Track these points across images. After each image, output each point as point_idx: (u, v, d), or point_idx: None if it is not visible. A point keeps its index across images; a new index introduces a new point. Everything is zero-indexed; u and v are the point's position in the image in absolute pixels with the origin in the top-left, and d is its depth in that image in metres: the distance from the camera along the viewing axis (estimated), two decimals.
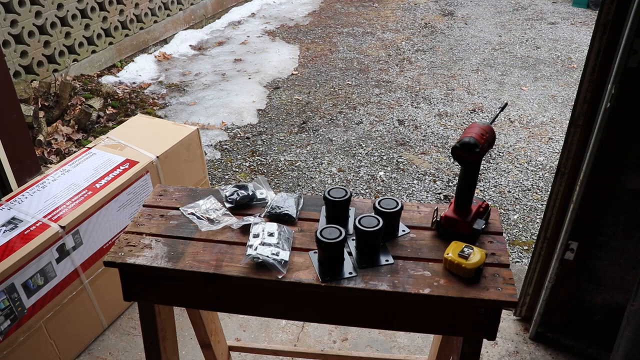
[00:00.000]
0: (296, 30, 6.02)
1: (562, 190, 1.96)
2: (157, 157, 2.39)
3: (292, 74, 4.92)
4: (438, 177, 3.41)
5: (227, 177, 3.46)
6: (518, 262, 2.74)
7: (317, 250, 1.27)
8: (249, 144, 3.82)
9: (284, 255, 1.25)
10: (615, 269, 2.04)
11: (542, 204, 3.15)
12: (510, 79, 4.73)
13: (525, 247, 2.84)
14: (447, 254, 1.22)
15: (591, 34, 1.71)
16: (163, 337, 1.48)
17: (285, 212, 1.39)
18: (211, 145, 3.80)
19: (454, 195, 1.37)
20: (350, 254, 1.28)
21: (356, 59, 5.19)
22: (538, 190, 3.28)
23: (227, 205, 1.45)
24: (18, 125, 2.88)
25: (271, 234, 1.29)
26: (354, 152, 3.69)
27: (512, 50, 5.32)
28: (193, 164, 2.66)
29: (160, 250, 1.31)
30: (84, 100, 4.10)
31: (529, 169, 3.49)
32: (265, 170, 3.51)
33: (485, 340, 1.72)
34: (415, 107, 4.26)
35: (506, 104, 1.45)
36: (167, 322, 1.49)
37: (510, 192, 3.27)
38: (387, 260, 1.25)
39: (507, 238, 2.91)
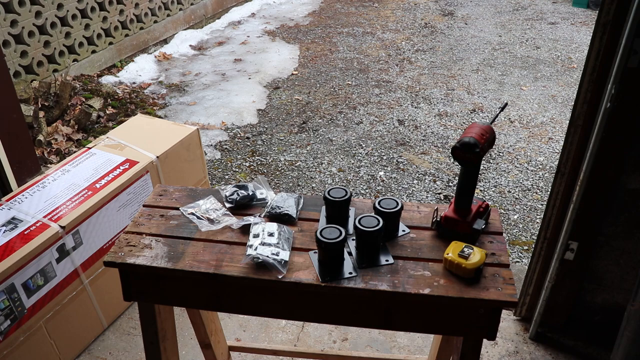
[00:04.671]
0: (296, 30, 6.02)
1: (562, 190, 1.96)
2: (157, 157, 2.39)
3: (292, 74, 4.92)
4: (438, 177, 3.41)
5: (227, 177, 3.46)
6: (518, 262, 2.74)
7: (317, 250, 1.27)
8: (249, 144, 3.82)
9: (284, 255, 1.25)
10: (615, 269, 2.04)
11: (542, 204, 3.15)
12: (510, 79, 4.73)
13: (525, 247, 2.84)
14: (447, 254, 1.22)
15: (591, 34, 1.71)
16: (163, 337, 1.48)
17: (285, 212, 1.39)
18: (211, 145, 3.80)
19: (454, 195, 1.37)
20: (350, 254, 1.28)
21: (356, 59, 5.19)
22: (538, 190, 3.28)
23: (227, 205, 1.45)
24: (18, 125, 2.88)
25: (271, 234, 1.29)
26: (354, 152, 3.69)
27: (512, 50, 5.32)
28: (193, 164, 2.66)
29: (160, 250, 1.31)
30: (84, 100, 4.10)
31: (529, 169, 3.49)
32: (265, 170, 3.51)
33: (485, 340, 1.72)
34: (415, 107, 4.26)
35: (506, 104, 1.45)
36: (167, 322, 1.49)
37: (510, 192, 3.27)
38: (387, 260, 1.25)
39: (507, 238, 2.91)
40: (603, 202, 1.89)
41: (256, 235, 1.29)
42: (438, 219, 1.33)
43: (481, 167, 3.38)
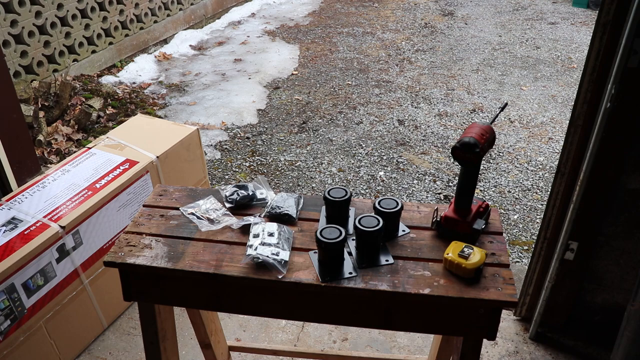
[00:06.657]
0: (296, 30, 6.02)
1: (562, 190, 1.96)
2: (157, 157, 2.39)
3: (292, 74, 4.92)
4: (438, 177, 3.41)
5: (227, 177, 3.46)
6: (518, 262, 2.74)
7: (317, 250, 1.27)
8: (249, 144, 3.82)
9: (284, 255, 1.25)
10: (615, 269, 2.04)
11: (542, 204, 3.15)
12: (510, 79, 4.73)
13: (525, 247, 2.84)
14: (447, 254, 1.22)
15: (591, 34, 1.71)
16: (163, 337, 1.48)
17: (285, 212, 1.39)
18: (211, 145, 3.80)
19: (454, 195, 1.37)
20: (350, 254, 1.28)
21: (356, 59, 5.19)
22: (538, 190, 3.28)
23: (227, 205, 1.45)
24: (18, 125, 2.88)
25: (271, 234, 1.29)
26: (354, 152, 3.69)
27: (512, 50, 5.32)
28: (193, 164, 2.66)
29: (160, 250, 1.31)
30: (84, 100, 4.10)
31: (529, 169, 3.49)
32: (265, 170, 3.51)
33: (485, 340, 1.72)
34: (415, 107, 4.26)
35: (506, 104, 1.45)
36: (167, 322, 1.49)
37: (510, 192, 3.27)
38: (387, 260, 1.25)
39: (507, 238, 2.91)
40: (603, 202, 1.89)
41: (256, 235, 1.29)
42: (438, 219, 1.33)
43: (481, 167, 3.38)
